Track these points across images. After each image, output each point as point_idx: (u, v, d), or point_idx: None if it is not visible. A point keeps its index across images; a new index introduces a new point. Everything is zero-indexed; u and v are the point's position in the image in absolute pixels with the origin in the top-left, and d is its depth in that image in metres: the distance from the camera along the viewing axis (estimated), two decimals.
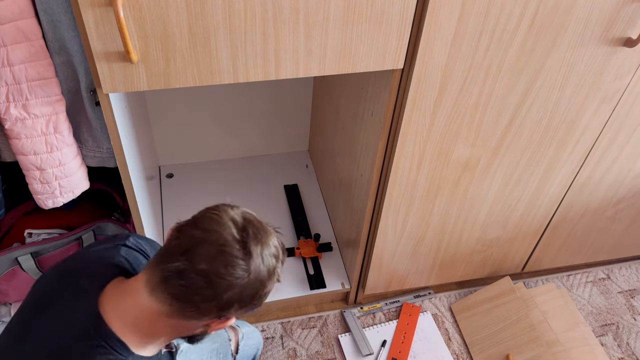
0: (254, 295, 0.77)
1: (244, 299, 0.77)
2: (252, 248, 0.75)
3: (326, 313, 1.61)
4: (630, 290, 1.75)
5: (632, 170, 1.42)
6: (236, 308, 0.77)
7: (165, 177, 1.87)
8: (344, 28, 0.91)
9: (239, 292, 0.75)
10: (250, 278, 0.75)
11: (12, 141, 1.05)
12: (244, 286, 0.75)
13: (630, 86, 1.18)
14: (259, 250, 0.76)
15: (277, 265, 0.80)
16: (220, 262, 0.73)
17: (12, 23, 0.91)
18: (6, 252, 1.36)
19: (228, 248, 0.74)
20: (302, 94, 1.82)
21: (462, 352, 1.55)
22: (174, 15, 0.83)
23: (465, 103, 1.11)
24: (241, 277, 0.74)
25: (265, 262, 0.77)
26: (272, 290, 0.81)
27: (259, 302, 0.80)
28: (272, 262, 0.78)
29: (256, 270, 0.75)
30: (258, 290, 0.77)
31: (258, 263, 0.76)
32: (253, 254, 0.75)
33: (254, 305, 0.80)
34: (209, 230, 0.75)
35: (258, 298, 0.78)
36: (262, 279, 0.77)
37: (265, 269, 0.77)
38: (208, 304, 0.75)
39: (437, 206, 1.35)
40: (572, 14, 1.00)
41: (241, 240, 0.75)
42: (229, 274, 0.73)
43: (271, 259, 0.78)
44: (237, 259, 0.74)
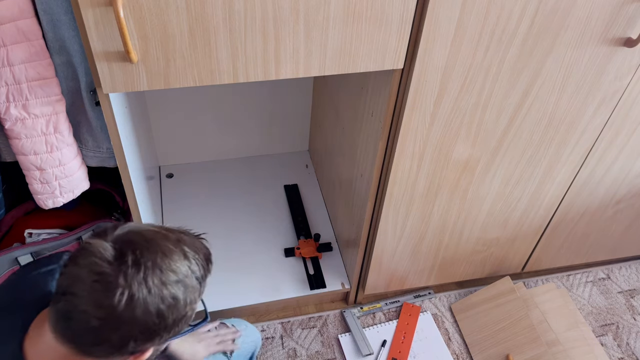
0: (151, 330, 0.67)
1: (140, 335, 0.67)
2: (131, 278, 0.65)
3: (326, 313, 1.61)
4: (630, 290, 1.75)
5: (632, 170, 1.42)
6: (134, 344, 0.67)
7: (165, 177, 1.87)
8: (344, 28, 0.91)
9: (127, 330, 0.66)
10: (136, 314, 0.65)
11: (12, 141, 1.05)
12: (131, 322, 0.65)
13: (630, 86, 1.18)
14: (140, 277, 0.65)
15: (181, 290, 0.68)
16: (97, 299, 0.64)
17: (12, 23, 0.91)
18: (6, 252, 1.36)
19: (102, 283, 0.64)
20: (302, 94, 1.82)
21: (462, 352, 1.55)
22: (174, 15, 0.83)
23: (465, 103, 1.11)
24: (122, 312, 0.64)
25: (155, 292, 0.66)
26: (191, 313, 0.72)
27: (168, 333, 0.70)
28: (170, 289, 0.67)
29: (143, 302, 0.65)
30: (155, 324, 0.67)
31: (143, 295, 0.65)
32: (132, 286, 0.64)
33: (161, 337, 0.70)
34: (81, 265, 0.66)
35: (163, 329, 0.68)
36: (157, 312, 0.66)
37: (158, 299, 0.66)
38: (101, 346, 0.67)
39: (437, 206, 1.35)
40: (572, 14, 1.00)
41: (117, 270, 0.65)
42: (108, 312, 0.64)
43: (166, 285, 0.66)
44: (112, 293, 0.64)
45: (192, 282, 0.70)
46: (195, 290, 0.71)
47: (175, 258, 0.68)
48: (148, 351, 0.71)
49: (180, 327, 0.71)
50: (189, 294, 0.69)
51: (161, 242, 0.69)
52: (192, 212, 1.75)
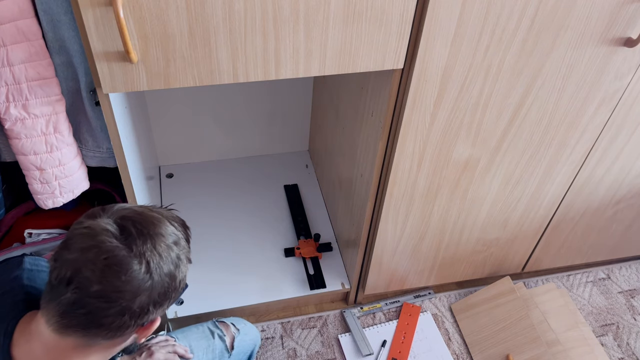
0: (166, 291, 0.72)
1: (158, 299, 0.71)
2: (141, 247, 0.69)
3: (326, 313, 1.61)
4: (630, 290, 1.75)
5: (632, 170, 1.42)
6: (153, 309, 0.71)
7: (165, 177, 1.87)
8: (344, 28, 0.91)
9: (147, 296, 0.69)
10: (154, 278, 0.69)
11: (12, 141, 1.05)
12: (151, 288, 0.69)
13: (630, 86, 1.18)
14: (149, 246, 0.69)
15: (180, 250, 0.74)
16: (111, 276, 0.66)
17: (12, 23, 0.91)
18: (6, 252, 1.36)
19: (114, 258, 0.66)
20: (302, 94, 1.82)
21: (462, 352, 1.55)
22: (174, 15, 0.83)
23: (465, 103, 1.11)
24: (143, 280, 0.68)
25: (165, 255, 0.71)
26: (186, 274, 0.77)
27: (177, 294, 0.75)
28: (173, 251, 0.72)
29: (157, 267, 0.70)
30: (169, 285, 0.72)
31: (156, 260, 0.69)
32: (145, 253, 0.69)
33: (171, 299, 0.75)
34: (85, 248, 0.67)
35: (174, 290, 0.74)
36: (169, 273, 0.71)
37: (168, 261, 0.71)
38: (120, 320, 0.69)
39: (437, 206, 1.35)
40: (572, 14, 1.00)
41: (126, 244, 0.68)
42: (128, 284, 0.67)
43: (170, 248, 0.72)
44: (129, 265, 0.67)
45: (183, 243, 0.76)
46: (187, 250, 0.77)
47: (163, 225, 0.73)
48: (156, 321, 0.76)
49: (181, 286, 0.76)
50: (185, 253, 0.76)
51: (148, 213, 0.74)
52: (192, 212, 1.75)
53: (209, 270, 1.59)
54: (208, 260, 1.61)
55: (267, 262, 1.63)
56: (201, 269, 1.58)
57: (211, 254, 1.63)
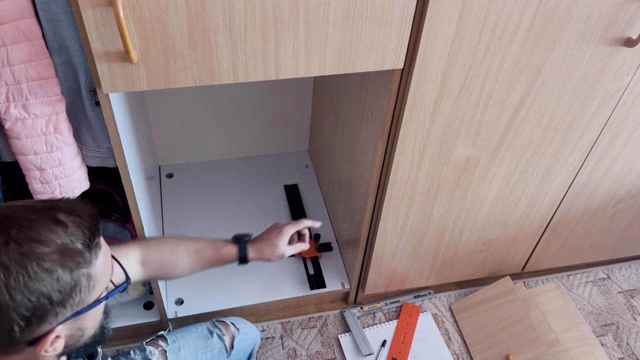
0: (39, 309, 0.61)
1: (26, 318, 0.61)
2: None
3: (326, 313, 1.61)
4: (630, 290, 1.75)
5: (632, 170, 1.42)
6: (29, 329, 0.62)
7: (165, 177, 1.87)
8: (344, 28, 0.91)
9: (4, 318, 0.60)
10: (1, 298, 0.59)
11: (12, 141, 1.05)
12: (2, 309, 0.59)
13: (630, 86, 1.18)
14: None
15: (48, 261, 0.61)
16: None
17: (12, 23, 0.91)
18: None
19: None
20: (302, 94, 1.82)
21: (462, 352, 1.55)
22: (174, 15, 0.83)
23: (465, 103, 1.11)
24: None
25: (14, 269, 0.59)
26: (87, 282, 0.65)
27: (67, 305, 0.64)
28: (37, 262, 0.60)
29: (3, 285, 0.59)
30: (37, 301, 0.60)
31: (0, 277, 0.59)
32: None
33: (61, 312, 0.63)
34: None
35: (55, 305, 0.62)
36: (31, 290, 0.60)
37: (23, 277, 0.59)
38: None
39: (437, 206, 1.35)
40: (572, 14, 1.00)
41: None
42: None
43: (28, 260, 0.60)
44: None
45: (74, 247, 0.63)
46: (81, 256, 0.64)
47: (39, 227, 0.62)
48: (51, 334, 0.65)
49: (77, 298, 0.65)
50: (72, 262, 0.63)
51: (19, 215, 0.63)
52: (192, 212, 1.75)
53: (209, 270, 1.58)
54: None
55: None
56: None
57: None
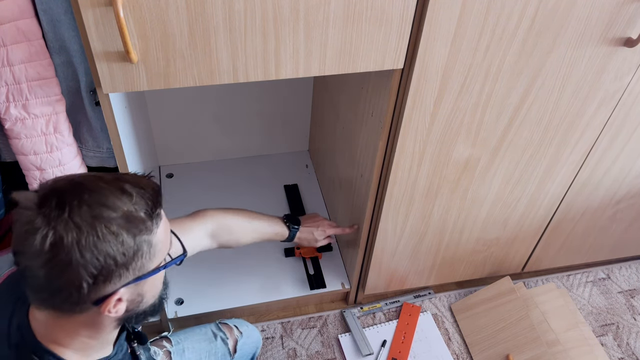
0: (105, 268, 0.65)
1: (93, 275, 0.65)
2: (54, 218, 0.63)
3: (326, 313, 1.61)
4: (630, 290, 1.75)
5: (632, 170, 1.42)
6: (93, 284, 0.65)
7: (165, 177, 1.87)
8: (344, 28, 0.91)
9: (74, 273, 0.64)
10: (73, 253, 0.63)
11: (12, 141, 1.05)
12: (73, 264, 0.63)
13: (630, 86, 1.18)
14: (65, 217, 0.63)
15: (115, 225, 0.65)
16: (29, 249, 0.63)
17: (12, 23, 0.91)
18: (6, 252, 1.36)
19: (29, 232, 0.63)
20: (302, 94, 1.82)
21: (462, 352, 1.55)
22: (174, 15, 0.83)
23: (465, 103, 1.11)
24: (48, 253, 0.63)
25: (85, 229, 0.63)
26: (148, 248, 0.69)
27: (130, 269, 0.68)
28: (105, 225, 0.64)
29: (75, 241, 0.63)
30: (104, 261, 0.64)
31: (73, 234, 0.63)
32: (57, 226, 0.63)
33: (124, 274, 0.67)
34: (15, 223, 0.66)
35: (118, 266, 0.66)
36: (99, 249, 0.64)
37: (92, 236, 0.63)
38: (60, 295, 0.66)
39: (437, 206, 1.35)
40: (572, 14, 1.00)
41: (40, 214, 0.63)
42: (37, 256, 0.63)
43: (97, 221, 0.64)
44: (34, 238, 0.62)
45: (139, 215, 0.67)
46: (144, 223, 0.67)
47: (108, 194, 0.66)
48: (115, 295, 0.68)
49: (139, 263, 0.68)
50: (136, 228, 0.66)
51: (90, 183, 0.67)
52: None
53: (209, 270, 1.59)
54: (208, 260, 1.61)
55: (267, 262, 1.63)
56: (201, 269, 1.58)
57: (211, 254, 1.63)
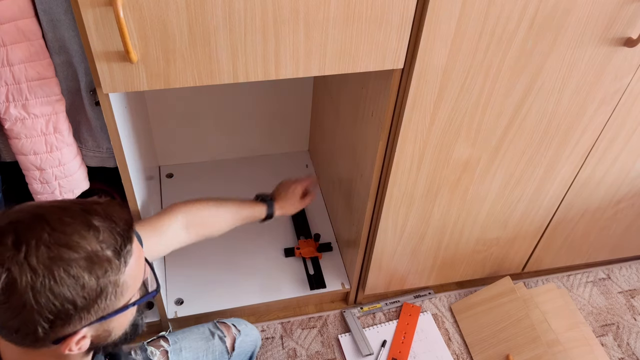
0: (62, 312, 0.61)
1: (50, 320, 0.61)
2: (10, 259, 0.59)
3: (326, 313, 1.61)
4: (630, 290, 1.75)
5: (632, 170, 1.42)
6: (52, 329, 0.62)
7: (165, 177, 1.86)
8: (344, 28, 0.91)
9: (28, 316, 0.60)
10: (26, 297, 0.59)
11: (11, 141, 1.05)
12: (27, 308, 0.59)
13: (630, 86, 1.18)
14: (20, 259, 0.59)
15: (76, 267, 0.61)
16: None
17: (12, 23, 0.91)
18: None
19: None
20: (302, 94, 1.82)
21: (462, 352, 1.55)
22: (174, 15, 0.83)
23: (465, 103, 1.11)
24: (4, 298, 0.59)
25: (41, 272, 0.59)
26: (114, 289, 0.65)
27: (92, 311, 0.64)
28: (64, 268, 0.60)
29: (29, 285, 0.59)
30: (61, 305, 0.60)
31: (27, 277, 0.59)
32: (11, 268, 0.59)
33: (85, 317, 0.63)
34: None
35: (79, 310, 0.62)
36: (55, 294, 0.60)
37: (48, 280, 0.59)
38: (17, 335, 0.63)
39: (437, 206, 1.35)
40: (572, 14, 1.00)
41: None
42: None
43: (55, 264, 0.60)
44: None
45: (104, 254, 0.63)
46: (110, 263, 0.63)
47: (71, 231, 0.62)
48: (76, 335, 0.65)
49: (102, 304, 0.64)
50: (100, 269, 0.62)
51: (53, 216, 0.62)
52: None
53: (209, 270, 1.59)
54: (208, 260, 1.61)
55: (267, 262, 1.63)
56: (201, 269, 1.58)
57: (211, 254, 1.63)
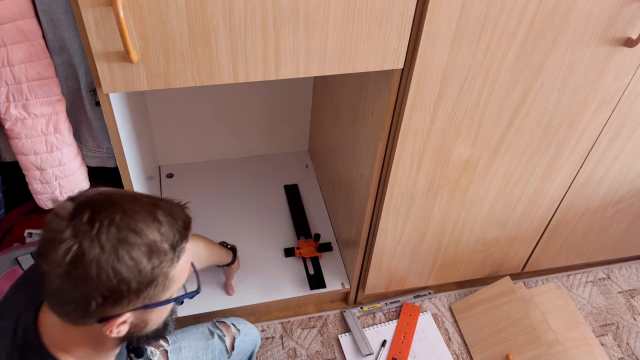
0: (115, 291, 0.65)
1: (104, 296, 0.64)
2: (83, 234, 0.63)
3: (326, 313, 1.61)
4: (630, 290, 1.75)
5: (632, 170, 1.42)
6: (102, 303, 0.65)
7: (165, 177, 1.87)
8: (344, 28, 0.91)
9: (86, 288, 0.64)
10: (91, 269, 0.63)
11: (12, 141, 1.05)
12: (88, 280, 0.63)
13: (630, 86, 1.18)
14: (92, 234, 0.63)
15: (138, 252, 0.65)
16: (52, 256, 0.64)
17: (12, 23, 0.91)
18: (6, 252, 1.36)
19: (55, 240, 0.63)
20: (302, 94, 1.82)
21: (462, 352, 1.55)
22: (174, 15, 0.83)
23: (465, 103, 1.11)
24: (71, 267, 0.63)
25: (108, 249, 0.63)
26: (164, 280, 0.68)
27: (141, 297, 0.67)
28: (127, 250, 0.64)
29: (95, 259, 0.63)
30: (118, 285, 0.64)
31: (95, 251, 0.63)
32: (83, 241, 0.63)
33: (133, 300, 0.67)
34: (44, 228, 0.66)
35: (129, 292, 0.65)
36: (115, 272, 0.63)
37: (112, 258, 0.63)
38: (70, 306, 0.66)
39: (437, 206, 1.35)
40: (572, 14, 1.00)
41: (70, 225, 0.64)
42: (57, 264, 0.63)
43: (121, 245, 0.64)
44: (57, 247, 0.63)
45: (162, 247, 0.67)
46: (166, 255, 0.67)
47: (139, 219, 0.66)
48: (120, 318, 0.68)
49: (151, 292, 0.68)
50: (156, 258, 0.66)
51: (127, 203, 0.67)
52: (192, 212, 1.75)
53: (209, 270, 1.58)
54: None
55: (267, 262, 1.63)
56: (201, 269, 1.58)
57: None
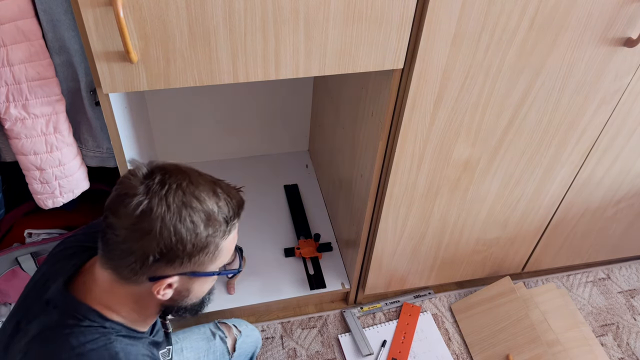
0: (172, 250, 0.70)
1: (162, 252, 0.70)
2: (154, 193, 0.70)
3: (326, 313, 1.61)
4: (630, 290, 1.75)
5: (632, 170, 1.42)
6: (159, 260, 0.71)
7: None
8: (344, 28, 0.91)
9: (148, 242, 0.69)
10: (155, 225, 0.69)
11: (12, 141, 1.05)
12: (151, 235, 0.69)
13: (630, 86, 1.18)
14: (162, 194, 0.70)
15: (197, 217, 0.71)
16: (122, 209, 0.70)
17: (12, 23, 0.91)
18: (6, 252, 1.36)
19: (127, 195, 0.70)
20: (302, 94, 1.82)
21: (462, 352, 1.55)
22: (174, 15, 0.83)
23: (465, 103, 1.11)
24: (137, 218, 0.69)
25: (173, 209, 0.70)
26: (214, 250, 0.74)
27: (192, 260, 0.73)
28: (189, 213, 0.70)
29: (161, 215, 0.69)
30: (175, 243, 0.70)
31: (162, 209, 0.69)
32: (153, 198, 0.69)
33: (185, 262, 0.72)
34: (118, 185, 0.73)
35: (183, 253, 0.71)
36: (175, 230, 0.69)
37: (176, 218, 0.69)
38: (127, 257, 0.71)
39: (437, 206, 1.35)
40: (572, 14, 1.00)
41: (142, 183, 0.71)
42: (126, 217, 0.69)
43: (185, 208, 0.70)
44: (130, 199, 0.69)
45: (218, 218, 0.73)
46: (220, 226, 0.73)
47: (203, 189, 0.73)
48: (169, 279, 0.73)
49: (201, 259, 0.73)
50: (212, 227, 0.72)
51: (194, 174, 0.75)
52: None
53: None
54: None
55: (267, 262, 1.63)
56: None
57: None
